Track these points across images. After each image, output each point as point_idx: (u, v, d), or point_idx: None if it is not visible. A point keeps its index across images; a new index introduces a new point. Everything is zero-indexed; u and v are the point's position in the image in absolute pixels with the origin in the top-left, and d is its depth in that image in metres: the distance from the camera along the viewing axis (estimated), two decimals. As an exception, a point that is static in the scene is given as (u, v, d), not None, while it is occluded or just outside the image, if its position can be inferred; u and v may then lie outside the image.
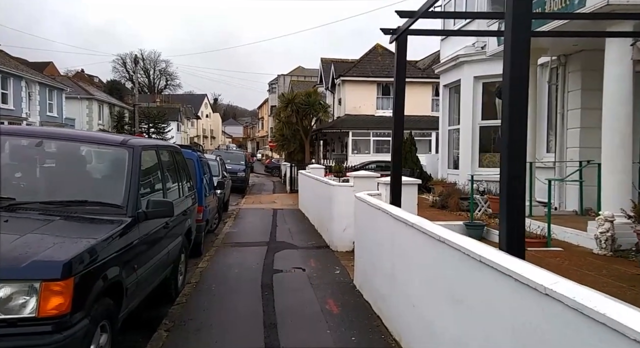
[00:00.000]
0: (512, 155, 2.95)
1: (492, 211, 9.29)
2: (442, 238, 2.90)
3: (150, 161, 4.80)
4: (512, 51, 2.92)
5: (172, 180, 5.53)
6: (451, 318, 2.79)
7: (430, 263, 3.16)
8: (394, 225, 4.06)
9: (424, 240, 3.26)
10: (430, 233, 3.12)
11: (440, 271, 2.98)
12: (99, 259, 3.17)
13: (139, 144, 4.39)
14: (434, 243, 3.05)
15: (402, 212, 3.93)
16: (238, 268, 7.02)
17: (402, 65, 5.18)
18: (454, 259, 2.71)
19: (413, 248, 3.55)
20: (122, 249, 3.56)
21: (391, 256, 4.14)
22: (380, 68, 27.33)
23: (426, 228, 3.21)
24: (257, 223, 11.90)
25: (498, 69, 10.54)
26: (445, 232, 2.96)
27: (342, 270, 6.83)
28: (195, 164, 8.16)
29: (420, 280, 3.38)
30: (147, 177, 4.65)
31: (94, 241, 3.23)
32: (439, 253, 2.97)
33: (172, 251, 5.16)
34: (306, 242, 9.22)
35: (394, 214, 4.00)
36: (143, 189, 4.34)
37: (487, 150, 11.25)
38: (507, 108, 2.95)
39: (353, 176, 8.27)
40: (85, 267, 3.00)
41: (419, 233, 3.36)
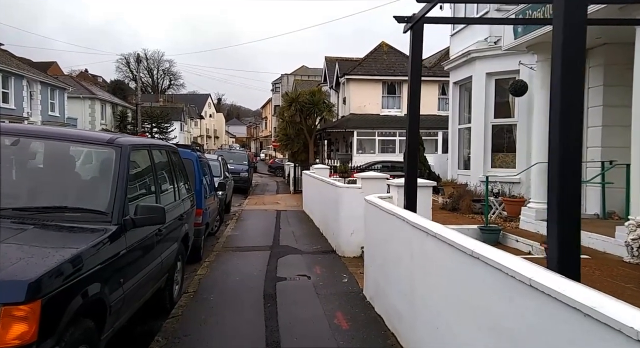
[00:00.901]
0: (564, 157, 2.50)
1: (507, 214, 8.83)
2: (476, 254, 2.45)
3: (141, 162, 4.37)
4: (565, 41, 2.46)
5: (167, 182, 5.10)
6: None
7: (461, 281, 2.71)
8: (412, 234, 3.61)
9: (451, 254, 2.81)
10: (460, 247, 2.67)
11: (474, 292, 2.53)
12: (75, 275, 2.75)
13: (128, 143, 3.96)
14: (465, 259, 2.60)
15: (422, 220, 3.47)
16: (239, 275, 6.59)
17: (417, 59, 4.73)
18: (493, 280, 2.25)
19: (437, 263, 3.10)
20: (105, 262, 3.13)
21: (409, 269, 3.69)
22: (385, 66, 26.86)
23: (454, 240, 2.76)
24: (260, 226, 11.47)
25: (512, 65, 10.11)
26: (479, 246, 2.51)
27: (350, 278, 6.38)
28: (194, 165, 7.73)
29: (446, 300, 2.93)
30: (138, 179, 4.22)
31: (70, 254, 2.80)
32: (472, 271, 2.51)
33: (167, 259, 4.73)
34: (311, 247, 8.78)
35: (413, 222, 3.55)
36: (132, 193, 3.92)
37: (499, 150, 10.77)
38: (559, 104, 2.49)
39: (361, 177, 7.82)
40: (58, 286, 2.58)
41: (445, 246, 2.91)
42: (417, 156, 4.73)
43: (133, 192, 3.96)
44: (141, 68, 70.74)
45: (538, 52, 7.84)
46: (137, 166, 4.25)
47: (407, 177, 4.67)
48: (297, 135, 26.58)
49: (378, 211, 4.83)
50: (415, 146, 4.70)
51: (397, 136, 25.71)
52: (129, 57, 64.99)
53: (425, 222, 3.38)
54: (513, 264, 2.12)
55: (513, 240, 7.42)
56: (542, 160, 7.76)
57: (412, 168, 4.70)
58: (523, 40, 7.61)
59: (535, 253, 6.75)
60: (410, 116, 4.65)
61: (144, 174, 4.37)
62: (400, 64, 27.06)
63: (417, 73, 4.71)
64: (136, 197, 3.98)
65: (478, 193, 10.27)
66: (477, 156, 10.83)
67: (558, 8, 2.53)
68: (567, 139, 2.57)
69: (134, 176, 4.09)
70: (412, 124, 4.63)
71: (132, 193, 3.91)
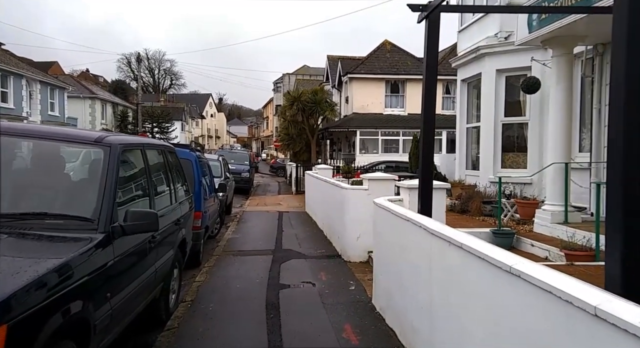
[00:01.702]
0: (629, 154, 2.13)
1: (520, 216, 8.45)
2: (516, 271, 2.09)
3: (133, 162, 4.02)
4: (630, 29, 2.09)
5: (163, 184, 4.75)
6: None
7: (494, 301, 2.35)
8: (431, 243, 3.25)
9: (482, 269, 2.45)
10: (494, 261, 2.31)
11: (514, 316, 2.16)
12: (53, 292, 2.41)
13: (118, 142, 3.61)
14: (501, 276, 2.24)
15: (443, 227, 3.11)
16: (240, 282, 6.24)
17: (433, 51, 4.37)
18: (542, 304, 1.89)
19: (463, 277, 2.74)
20: (90, 275, 2.78)
21: (428, 282, 3.33)
22: (388, 65, 26.47)
23: (486, 252, 2.40)
24: (262, 228, 11.12)
25: (523, 61, 9.70)
26: (521, 263, 2.14)
27: (357, 286, 6.03)
28: (193, 165, 7.39)
29: (477, 323, 2.57)
30: (129, 182, 3.87)
31: (47, 268, 2.45)
32: (511, 292, 2.15)
33: (162, 268, 4.38)
34: (315, 251, 8.42)
35: (432, 229, 3.19)
36: (123, 197, 3.57)
37: (510, 150, 10.39)
38: (623, 99, 2.12)
39: (367, 178, 7.46)
40: (32, 306, 2.23)
41: (473, 259, 2.55)
42: (433, 156, 4.39)
43: (124, 196, 3.61)
44: (142, 68, 70.56)
45: (554, 46, 7.47)
46: (128, 167, 3.90)
47: (422, 179, 4.31)
48: (299, 135, 26.21)
49: (389, 215, 4.47)
50: (430, 145, 4.34)
51: (400, 136, 25.33)
52: (130, 57, 64.79)
53: (447, 229, 3.02)
54: (570, 287, 1.76)
55: (528, 244, 7.05)
56: (558, 160, 7.40)
57: (427, 169, 4.33)
58: (538, 34, 7.23)
59: (553, 259, 6.37)
60: (425, 113, 4.28)
61: (136, 175, 4.02)
62: (403, 63, 26.69)
63: (433, 67, 4.35)
64: (127, 201, 3.63)
65: (488, 194, 9.89)
66: (486, 156, 10.46)
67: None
68: (632, 136, 2.20)
69: (125, 178, 3.74)
70: (427, 122, 4.27)
71: (122, 197, 3.56)
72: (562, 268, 5.38)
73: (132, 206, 3.67)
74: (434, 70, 4.36)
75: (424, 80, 4.29)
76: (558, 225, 7.24)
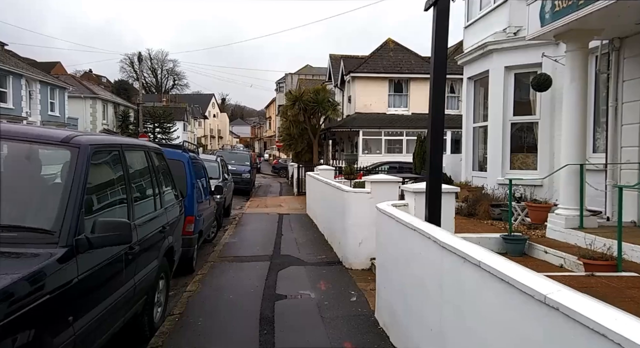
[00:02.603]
0: None
1: (531, 220, 8.01)
2: (555, 303, 1.67)
3: (108, 165, 3.63)
4: None
5: (145, 188, 4.36)
6: None
7: (526, 337, 1.92)
8: (442, 258, 2.84)
9: (507, 295, 2.03)
10: (523, 287, 1.89)
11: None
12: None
13: (89, 142, 3.22)
14: (532, 306, 1.82)
15: (457, 241, 2.70)
16: (233, 292, 5.84)
17: (442, 43, 3.95)
18: None
19: (483, 301, 2.32)
20: (45, 298, 2.39)
21: (438, 302, 2.92)
22: (392, 64, 26.03)
23: (513, 276, 1.98)
24: (260, 232, 10.72)
25: (533, 57, 9.23)
26: (557, 290, 1.73)
27: (359, 297, 5.61)
28: (185, 167, 6.99)
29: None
30: (103, 187, 3.47)
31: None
32: (550, 328, 1.73)
33: (144, 281, 3.98)
34: (315, 256, 8.01)
35: (444, 242, 2.77)
36: (94, 205, 3.18)
37: (519, 150, 9.95)
38: None
39: (370, 181, 7.04)
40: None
41: (496, 282, 2.13)
42: (442, 158, 3.98)
43: (95, 204, 3.22)
44: (145, 68, 70.41)
45: (568, 41, 7.03)
46: (102, 171, 3.50)
47: (430, 183, 3.90)
48: (301, 135, 25.79)
49: (394, 223, 4.05)
50: (439, 146, 3.92)
51: (404, 136, 24.90)
52: (132, 57, 64.57)
53: (462, 244, 2.60)
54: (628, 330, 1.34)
55: (541, 251, 6.61)
56: (572, 161, 6.97)
57: (435, 172, 3.91)
58: (551, 27, 6.80)
59: (568, 267, 5.94)
60: (434, 111, 3.87)
61: (112, 180, 3.62)
62: (407, 61, 26.25)
63: (442, 61, 3.93)
64: (99, 210, 3.23)
65: (496, 197, 9.46)
66: (494, 157, 10.02)
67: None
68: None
69: (97, 183, 3.35)
70: (435, 121, 3.85)
71: (93, 204, 3.17)
72: (583, 280, 4.95)
73: (106, 215, 3.28)
74: (443, 65, 3.94)
75: (432, 75, 3.88)
76: (573, 230, 6.80)
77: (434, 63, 3.95)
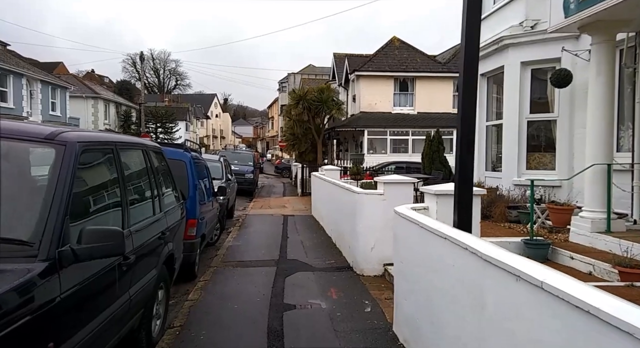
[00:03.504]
0: None
1: (552, 223, 7.57)
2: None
3: (101, 165, 3.23)
4: None
5: (143, 191, 3.97)
6: None
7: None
8: (485, 273, 2.44)
9: (587, 326, 1.62)
10: (614, 319, 1.48)
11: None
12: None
13: (77, 140, 2.83)
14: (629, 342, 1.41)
15: (507, 255, 2.29)
16: (238, 301, 5.44)
17: (474, 17, 3.53)
18: None
19: (550, 334, 1.91)
20: (19, 323, 2.00)
21: (477, 324, 2.51)
22: (397, 62, 25.60)
23: (594, 304, 1.58)
24: (265, 234, 10.33)
25: (551, 52, 8.75)
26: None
27: (374, 307, 5.20)
28: (187, 167, 6.60)
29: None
30: (94, 190, 3.08)
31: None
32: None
33: (140, 293, 3.59)
34: (323, 261, 7.61)
35: (489, 256, 2.37)
36: (82, 210, 2.79)
37: (535, 150, 9.51)
38: None
39: (383, 182, 6.64)
40: None
41: (569, 308, 1.72)
42: (473, 157, 3.57)
43: (84, 209, 2.83)
44: (147, 68, 70.20)
45: (594, 33, 6.61)
46: (93, 171, 3.11)
47: (460, 186, 3.49)
48: (305, 135, 25.38)
49: (416, 229, 3.65)
50: (469, 143, 3.49)
51: (409, 135, 24.48)
52: (135, 57, 64.34)
53: (515, 259, 2.20)
54: None
55: (566, 257, 6.19)
56: (598, 160, 6.54)
57: (465, 173, 3.49)
58: (577, 18, 6.37)
59: (598, 274, 5.52)
60: (464, 103, 3.44)
61: (104, 182, 3.23)
62: (412, 60, 25.82)
63: (474, 41, 3.50)
64: (89, 216, 2.85)
65: (512, 198, 9.04)
66: (509, 156, 9.59)
67: None
68: None
69: (87, 186, 2.96)
70: (466, 115, 3.42)
71: (82, 210, 2.78)
72: (623, 291, 4.53)
73: (97, 221, 2.89)
74: (475, 45, 3.51)
75: (463, 59, 3.46)
76: (599, 234, 6.38)
77: (464, 59, 3.53)
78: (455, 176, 3.59)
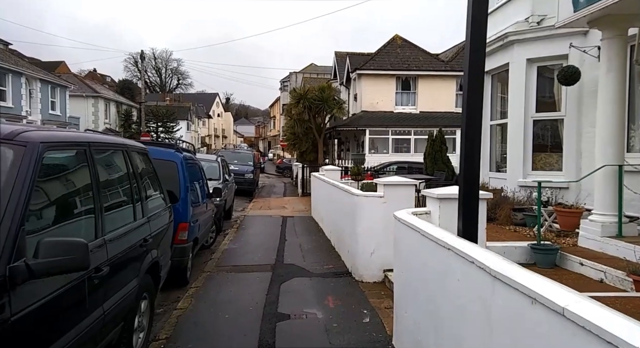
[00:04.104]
0: None
1: (559, 227, 7.27)
2: None
3: (69, 167, 2.95)
4: None
5: (122, 195, 3.68)
6: None
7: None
8: (494, 289, 2.15)
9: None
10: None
11: None
12: None
13: (41, 139, 2.55)
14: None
15: (515, 271, 2.00)
16: (230, 310, 5.16)
17: (480, 9, 3.24)
18: None
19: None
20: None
21: (484, 339, 2.22)
22: (399, 61, 25.27)
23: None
24: (263, 237, 10.05)
25: (559, 48, 8.39)
26: None
27: (373, 317, 4.91)
28: (178, 168, 6.32)
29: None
30: (61, 196, 2.80)
31: None
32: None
33: (118, 306, 3.31)
34: (321, 266, 7.32)
35: (499, 272, 2.08)
36: (45, 218, 2.51)
37: (541, 150, 9.20)
38: None
39: (383, 183, 6.35)
40: None
41: (600, 343, 1.43)
42: (479, 159, 3.28)
43: (46, 217, 2.55)
44: (149, 67, 70.03)
45: (604, 27, 6.30)
46: (60, 175, 2.83)
47: (464, 190, 3.19)
48: (306, 134, 25.08)
49: (418, 237, 3.36)
50: (475, 143, 3.18)
51: (412, 135, 24.15)
52: (136, 57, 64.11)
53: (529, 276, 1.91)
54: None
55: (576, 263, 5.88)
56: (609, 161, 6.24)
57: (471, 176, 3.18)
58: (587, 12, 6.07)
59: (611, 282, 5.22)
60: (470, 97, 3.14)
61: (74, 186, 2.94)
62: (415, 58, 25.48)
63: (481, 25, 3.20)
64: (52, 225, 2.56)
65: (518, 200, 8.73)
66: (515, 157, 9.28)
67: None
68: None
69: (53, 191, 2.68)
70: (471, 111, 3.12)
71: (43, 218, 2.50)
72: (636, 302, 4.25)
73: (62, 231, 2.61)
74: (482, 31, 3.22)
75: (468, 53, 3.17)
76: (610, 239, 6.08)
77: (469, 55, 3.24)
78: (459, 179, 3.31)
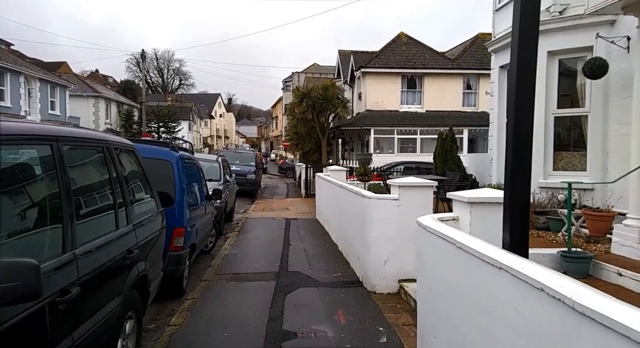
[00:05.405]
0: None
1: (589, 232, 6.69)
2: None
3: (30, 167, 2.41)
4: None
5: (100, 200, 3.13)
6: None
7: None
8: (579, 336, 1.58)
9: None
10: None
11: None
12: None
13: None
14: None
15: (621, 310, 1.44)
16: (229, 327, 4.61)
17: None
18: None
19: None
20: None
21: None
22: (405, 59, 24.67)
23: None
24: (266, 241, 9.50)
25: (583, 40, 7.61)
26: None
27: (390, 336, 4.35)
28: (173, 168, 5.77)
29: None
30: (18, 202, 2.25)
31: None
32: None
33: (94, 332, 2.76)
34: (329, 274, 6.77)
35: (592, 309, 1.52)
36: None
37: (563, 149, 8.61)
38: None
39: (398, 185, 5.78)
40: None
41: None
42: (530, 160, 2.74)
43: None
44: (151, 68, 69.62)
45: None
46: (15, 177, 2.28)
47: (511, 195, 2.62)
48: (309, 134, 24.51)
49: (451, 249, 2.80)
50: (526, 143, 2.62)
51: (418, 134, 23.55)
52: (138, 57, 63.67)
53: (635, 314, 1.34)
54: None
55: (613, 272, 5.31)
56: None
57: (519, 176, 2.61)
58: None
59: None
60: (518, 89, 2.59)
61: (35, 190, 2.40)
62: (421, 56, 24.89)
63: (534, 15, 2.65)
64: (7, 238, 2.02)
65: (539, 202, 8.15)
66: (534, 156, 8.50)
67: None
68: None
69: (6, 196, 2.13)
70: (521, 96, 2.55)
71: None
72: None
73: (12, 247, 2.06)
74: (534, 25, 2.66)
75: (516, 58, 2.60)
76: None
77: (519, 27, 2.69)
78: (505, 183, 2.76)
